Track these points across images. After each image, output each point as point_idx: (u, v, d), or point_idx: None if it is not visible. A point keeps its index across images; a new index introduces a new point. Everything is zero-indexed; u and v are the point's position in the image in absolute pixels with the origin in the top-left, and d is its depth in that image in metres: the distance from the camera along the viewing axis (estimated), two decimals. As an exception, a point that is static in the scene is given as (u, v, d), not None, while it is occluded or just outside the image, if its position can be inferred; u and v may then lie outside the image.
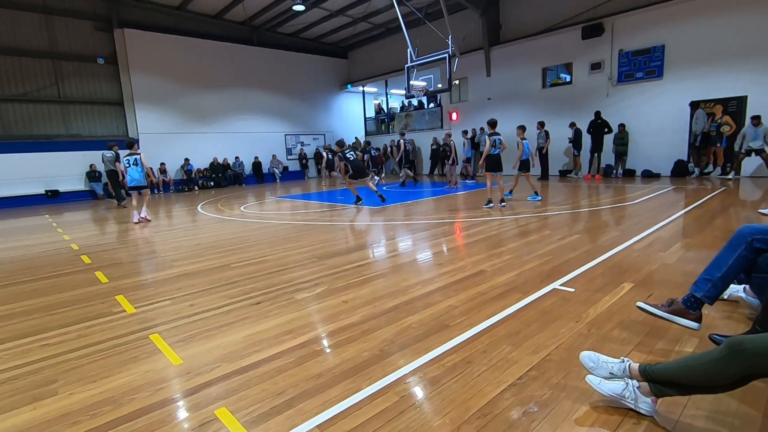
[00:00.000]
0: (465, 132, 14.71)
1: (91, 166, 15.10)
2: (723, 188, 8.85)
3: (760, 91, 10.23)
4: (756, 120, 9.64)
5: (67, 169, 14.87)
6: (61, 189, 14.68)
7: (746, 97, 10.50)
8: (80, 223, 9.28)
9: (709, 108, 10.90)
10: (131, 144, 9.01)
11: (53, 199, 14.48)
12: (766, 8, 9.98)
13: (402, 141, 14.08)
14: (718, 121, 10.52)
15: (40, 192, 14.37)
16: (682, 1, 11.17)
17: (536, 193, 8.58)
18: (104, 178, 15.10)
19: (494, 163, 7.91)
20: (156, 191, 16.44)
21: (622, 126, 12.38)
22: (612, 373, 1.87)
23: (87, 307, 3.56)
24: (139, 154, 8.80)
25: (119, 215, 10.23)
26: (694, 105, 11.04)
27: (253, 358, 2.48)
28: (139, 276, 4.52)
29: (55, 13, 14.63)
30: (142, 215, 8.65)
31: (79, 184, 15.17)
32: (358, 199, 9.30)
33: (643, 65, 12.18)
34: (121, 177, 11.17)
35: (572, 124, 13.05)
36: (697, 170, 11.28)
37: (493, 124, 7.89)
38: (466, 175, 14.87)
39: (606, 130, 12.48)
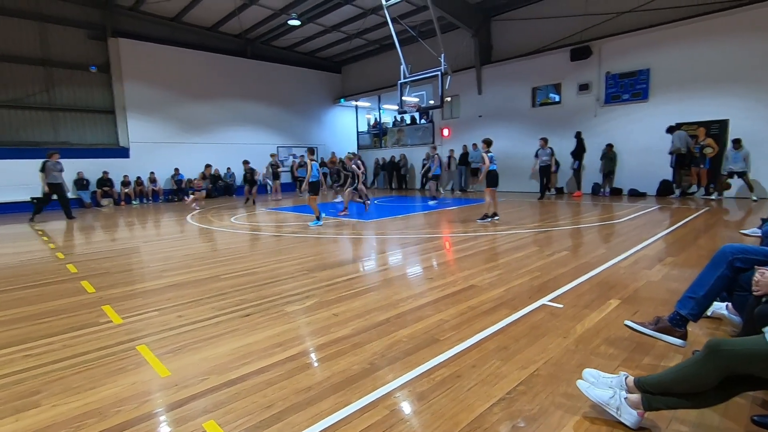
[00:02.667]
0: (452, 150, 14.82)
1: (78, 173, 14.91)
2: (706, 208, 9.07)
3: (741, 115, 10.59)
4: (736, 143, 9.95)
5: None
6: (48, 196, 14.43)
7: (728, 120, 10.85)
8: (67, 232, 9.14)
9: (693, 130, 11.22)
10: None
11: (39, 206, 14.20)
12: (748, 35, 10.39)
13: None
14: (701, 143, 10.82)
15: (25, 199, 14.11)
16: (666, 27, 11.59)
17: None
18: (92, 187, 15.01)
19: (495, 179, 8.17)
20: (145, 200, 16.28)
21: (609, 146, 12.67)
22: (611, 387, 1.91)
23: (72, 317, 3.50)
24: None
25: (107, 224, 10.09)
26: (671, 129, 11.38)
27: (243, 370, 2.46)
28: (127, 286, 4.46)
29: (50, 20, 14.62)
30: None
31: (68, 193, 14.91)
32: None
33: (629, 87, 12.54)
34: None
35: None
36: (678, 190, 11.56)
37: (489, 143, 8.13)
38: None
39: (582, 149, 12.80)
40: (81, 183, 14.96)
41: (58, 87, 15.02)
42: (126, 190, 15.78)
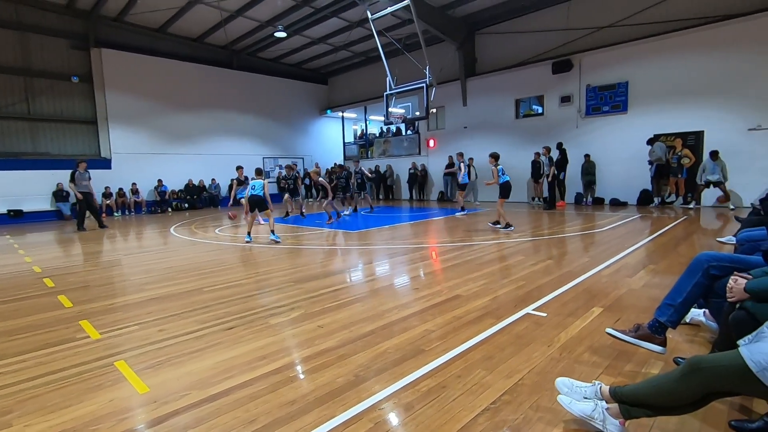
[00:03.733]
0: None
1: (58, 185, 14.59)
2: (685, 217, 9.30)
3: (716, 126, 10.96)
4: (714, 155, 10.26)
5: (32, 188, 14.31)
6: (25, 209, 14.08)
7: (703, 131, 11.21)
8: (44, 245, 8.90)
9: (670, 141, 11.55)
10: None
11: (16, 219, 13.84)
12: (721, 50, 10.80)
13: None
14: (679, 153, 11.14)
15: (1, 212, 13.73)
16: (643, 42, 11.98)
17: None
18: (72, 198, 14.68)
19: (508, 190, 8.34)
20: (127, 212, 15.98)
21: (587, 156, 12.94)
22: (585, 397, 1.92)
23: (48, 333, 3.40)
24: None
25: (86, 237, 9.87)
26: (652, 140, 11.71)
27: (225, 384, 2.42)
28: (106, 300, 4.35)
29: (30, 30, 14.40)
30: None
31: (45, 204, 14.59)
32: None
33: (609, 100, 12.88)
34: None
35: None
36: (657, 199, 11.84)
37: (497, 156, 8.31)
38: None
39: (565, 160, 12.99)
40: (60, 195, 14.63)
41: (38, 97, 14.75)
42: (107, 202, 15.47)
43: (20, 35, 14.25)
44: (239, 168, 11.10)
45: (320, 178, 11.05)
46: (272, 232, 7.80)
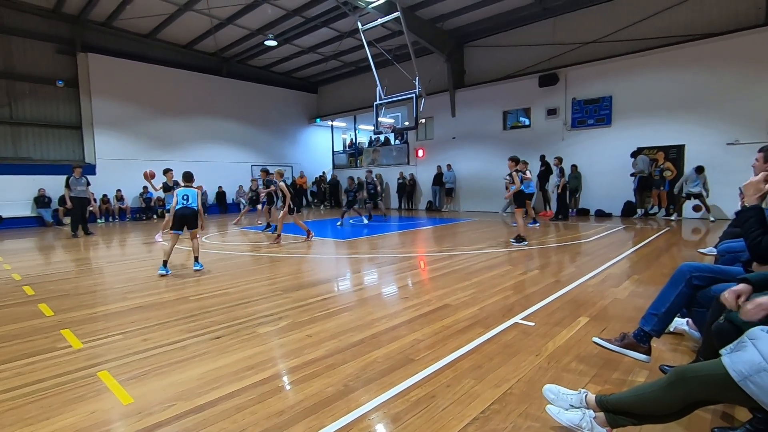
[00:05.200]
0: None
1: (39, 191, 14.26)
2: (667, 228, 9.50)
3: (696, 140, 11.29)
4: (699, 169, 10.56)
5: (12, 194, 13.95)
6: (4, 214, 13.71)
7: (684, 145, 11.53)
8: (24, 252, 8.67)
9: (653, 154, 11.84)
10: None
11: (-6, 225, 13.47)
12: (701, 66, 11.17)
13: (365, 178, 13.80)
14: (661, 166, 11.42)
15: (-20, 217, 13.36)
16: (626, 58, 12.32)
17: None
18: (54, 204, 14.35)
19: (524, 199, 8.06)
20: (111, 219, 15.68)
21: (574, 167, 13.14)
22: (572, 405, 1.94)
23: (28, 343, 3.30)
24: None
25: (68, 244, 9.65)
26: (635, 153, 11.99)
27: (212, 395, 2.38)
28: (89, 309, 4.25)
29: (14, 33, 14.15)
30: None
31: (26, 210, 14.23)
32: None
33: (594, 113, 13.17)
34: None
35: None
36: (640, 211, 12.09)
37: (518, 161, 8.01)
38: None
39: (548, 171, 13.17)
40: (42, 200, 14.29)
41: (21, 101, 14.46)
42: (91, 208, 15.14)
43: (3, 38, 14.00)
44: (168, 171, 9.93)
45: (275, 184, 9.37)
46: (196, 259, 6.11)
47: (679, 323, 3.05)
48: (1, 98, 14.09)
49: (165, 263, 5.85)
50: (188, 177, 6.60)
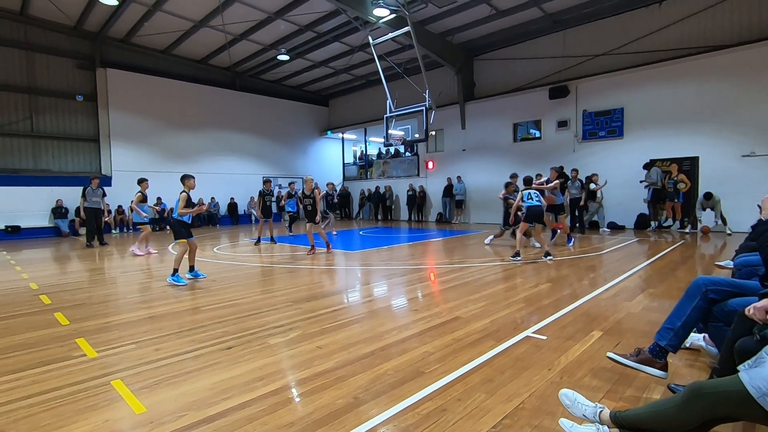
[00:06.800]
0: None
1: (57, 202, 14.59)
2: (682, 241, 9.34)
3: (710, 153, 11.15)
4: (707, 195, 10.46)
5: (31, 205, 14.31)
6: (23, 225, 14.04)
7: (698, 157, 11.38)
8: (41, 261, 8.85)
9: (666, 166, 11.71)
10: None
11: (13, 235, 13.79)
12: (714, 78, 11.08)
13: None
14: (675, 178, 11.28)
15: (-1, 227, 13.70)
16: (638, 70, 12.29)
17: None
18: (71, 215, 14.64)
19: (534, 215, 7.71)
20: (126, 230, 15.95)
21: (587, 179, 13.01)
22: (585, 416, 1.91)
23: (44, 351, 3.36)
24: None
25: (84, 254, 9.82)
26: (647, 165, 11.87)
27: (222, 405, 2.39)
28: (103, 318, 4.31)
29: (38, 50, 14.71)
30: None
31: (43, 221, 14.57)
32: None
33: (605, 125, 13.11)
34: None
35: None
36: (654, 223, 11.91)
37: (528, 181, 7.95)
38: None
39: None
40: (59, 211, 14.62)
41: (41, 115, 14.94)
42: (106, 219, 15.44)
43: (27, 54, 14.53)
44: (143, 181, 9.87)
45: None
46: (175, 271, 5.95)
47: (696, 338, 2.99)
48: (23, 112, 14.56)
49: (191, 268, 6.27)
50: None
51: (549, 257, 7.29)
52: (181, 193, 6.15)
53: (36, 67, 14.75)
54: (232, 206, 19.15)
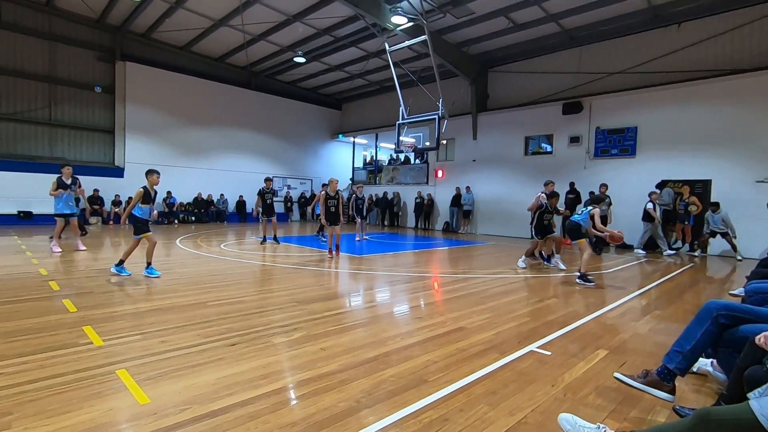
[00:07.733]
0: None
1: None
2: (691, 264, 9.24)
3: (723, 176, 11.03)
4: (714, 207, 10.30)
5: (44, 192, 14.40)
6: (35, 211, 14.23)
7: (710, 180, 11.28)
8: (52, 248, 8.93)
9: (678, 188, 11.61)
10: None
11: (25, 220, 13.98)
12: (729, 102, 11.00)
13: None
14: (686, 200, 11.17)
15: (11, 212, 13.89)
16: (652, 90, 12.23)
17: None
18: (82, 204, 14.80)
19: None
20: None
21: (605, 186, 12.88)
22: None
23: (51, 336, 3.40)
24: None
25: (94, 243, 9.93)
26: (660, 186, 11.77)
27: (226, 401, 2.40)
28: (110, 307, 4.35)
29: (60, 40, 14.99)
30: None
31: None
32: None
33: (618, 143, 13.04)
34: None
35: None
36: (666, 250, 11.75)
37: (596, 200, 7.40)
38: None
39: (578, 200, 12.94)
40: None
41: (60, 104, 15.21)
42: (116, 210, 15.62)
43: (50, 44, 14.82)
44: (64, 167, 9.34)
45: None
46: (149, 264, 6.16)
47: (703, 364, 2.95)
48: (42, 101, 14.83)
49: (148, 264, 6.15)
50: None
51: (585, 281, 6.45)
52: (140, 187, 6.39)
53: (57, 58, 15.04)
54: (241, 204, 19.28)
